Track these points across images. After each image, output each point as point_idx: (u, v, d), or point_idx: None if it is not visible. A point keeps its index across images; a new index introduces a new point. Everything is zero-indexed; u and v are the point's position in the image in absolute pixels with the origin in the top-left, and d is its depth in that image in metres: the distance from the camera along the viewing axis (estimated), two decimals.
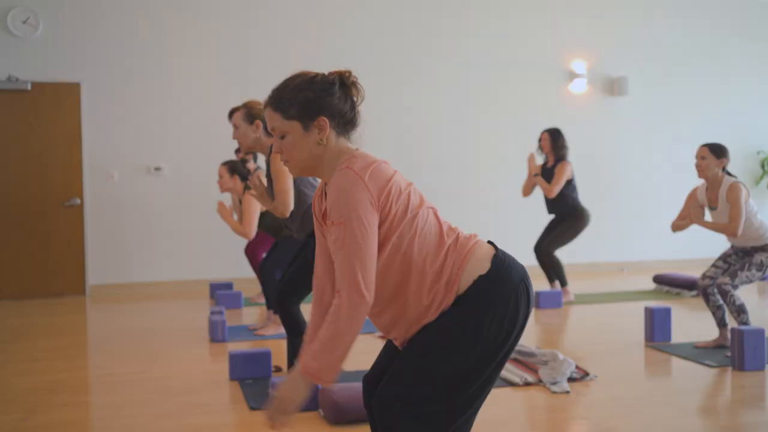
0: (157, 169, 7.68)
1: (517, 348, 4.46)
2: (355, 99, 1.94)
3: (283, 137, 1.91)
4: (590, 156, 8.77)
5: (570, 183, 6.56)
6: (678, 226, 4.83)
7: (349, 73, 1.93)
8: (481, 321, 1.84)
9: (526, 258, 8.25)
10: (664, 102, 9.11)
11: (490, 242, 1.97)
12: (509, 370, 4.14)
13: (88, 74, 7.49)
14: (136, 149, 7.63)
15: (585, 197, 8.60)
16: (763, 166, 9.41)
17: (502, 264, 1.91)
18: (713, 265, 4.73)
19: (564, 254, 8.37)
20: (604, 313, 6.18)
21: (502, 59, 8.59)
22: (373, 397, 1.94)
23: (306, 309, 5.59)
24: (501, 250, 1.96)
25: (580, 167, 8.61)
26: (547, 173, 6.60)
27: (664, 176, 9.07)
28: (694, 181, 4.97)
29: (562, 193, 6.51)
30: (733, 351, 4.28)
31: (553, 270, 6.62)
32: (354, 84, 1.93)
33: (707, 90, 9.25)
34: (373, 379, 2.00)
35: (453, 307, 1.88)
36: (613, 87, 8.93)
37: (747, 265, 4.54)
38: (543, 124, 7.24)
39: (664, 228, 8.93)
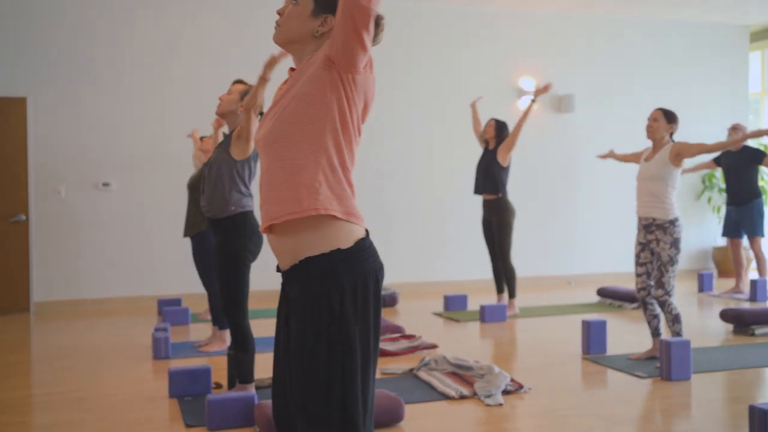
0: (105, 184, 7.64)
1: (454, 362, 4.55)
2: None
3: (295, 3, 1.98)
4: (537, 171, 8.97)
5: (507, 170, 6.64)
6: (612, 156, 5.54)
7: (383, 18, 2.01)
8: (331, 297, 1.84)
9: (478, 268, 8.43)
10: (609, 119, 9.35)
11: (366, 230, 1.97)
12: (446, 384, 4.23)
13: (34, 89, 7.44)
14: (83, 165, 7.58)
15: (532, 211, 8.80)
16: (703, 181, 9.71)
17: (364, 249, 1.91)
18: (637, 275, 4.84)
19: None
20: (547, 327, 6.30)
21: (451, 76, 8.75)
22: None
23: (258, 323, 5.58)
24: (370, 239, 1.96)
25: (528, 182, 8.80)
26: (488, 155, 6.68)
27: (609, 191, 9.30)
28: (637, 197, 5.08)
29: (497, 176, 6.56)
30: (662, 362, 4.44)
31: (507, 279, 6.67)
32: (379, 25, 2.00)
33: (650, 107, 9.49)
34: (281, 413, 1.98)
35: (303, 285, 1.87)
36: (560, 104, 9.15)
37: (663, 267, 4.66)
38: None
39: (610, 241, 9.19)
